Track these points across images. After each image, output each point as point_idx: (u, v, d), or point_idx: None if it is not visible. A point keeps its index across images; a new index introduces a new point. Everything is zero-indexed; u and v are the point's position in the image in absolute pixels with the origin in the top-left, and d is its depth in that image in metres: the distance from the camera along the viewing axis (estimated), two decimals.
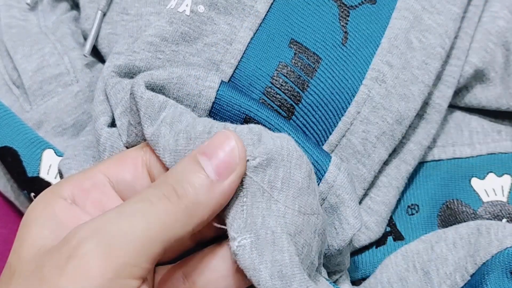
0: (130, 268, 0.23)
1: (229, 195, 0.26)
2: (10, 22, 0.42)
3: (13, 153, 0.37)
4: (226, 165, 0.25)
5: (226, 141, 0.26)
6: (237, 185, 0.26)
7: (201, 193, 0.25)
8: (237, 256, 0.25)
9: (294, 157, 0.27)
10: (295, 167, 0.27)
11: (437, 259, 0.34)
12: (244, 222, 0.26)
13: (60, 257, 0.23)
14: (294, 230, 0.26)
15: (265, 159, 0.26)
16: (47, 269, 0.23)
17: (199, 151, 0.26)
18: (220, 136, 0.26)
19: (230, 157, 0.25)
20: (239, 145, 0.26)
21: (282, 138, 0.27)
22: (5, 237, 0.41)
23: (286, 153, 0.27)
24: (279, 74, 0.33)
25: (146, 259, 0.24)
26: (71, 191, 0.27)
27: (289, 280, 0.25)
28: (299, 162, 0.27)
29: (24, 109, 0.39)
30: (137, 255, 0.23)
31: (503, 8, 0.39)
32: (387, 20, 0.35)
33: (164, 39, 0.32)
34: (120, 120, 0.31)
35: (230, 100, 0.30)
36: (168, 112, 0.28)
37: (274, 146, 0.27)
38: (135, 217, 0.24)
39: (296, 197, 0.27)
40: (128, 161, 0.29)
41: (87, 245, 0.23)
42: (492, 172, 0.38)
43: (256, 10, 0.33)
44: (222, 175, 0.25)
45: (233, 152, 0.25)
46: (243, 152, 0.26)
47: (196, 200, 0.25)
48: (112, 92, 0.32)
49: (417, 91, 0.35)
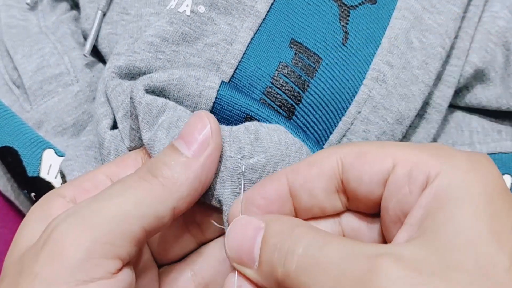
0: (103, 246, 0.23)
1: (208, 168, 0.26)
2: (10, 22, 0.42)
3: (14, 152, 0.37)
4: (200, 142, 0.26)
5: (198, 120, 0.26)
6: (214, 157, 0.26)
7: (177, 170, 0.25)
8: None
9: (292, 149, 0.27)
10: (294, 160, 0.27)
11: None
12: None
13: (37, 246, 0.23)
14: None
15: (263, 157, 0.26)
16: (26, 261, 0.23)
17: (176, 138, 0.26)
18: (192, 117, 0.26)
19: (203, 134, 0.26)
20: (211, 120, 0.26)
21: (279, 132, 0.27)
22: (5, 237, 0.41)
23: (284, 147, 0.27)
24: (280, 74, 0.33)
25: (121, 236, 0.23)
26: (72, 191, 0.27)
27: None
28: (298, 154, 0.27)
29: (24, 109, 0.39)
30: (110, 232, 0.23)
31: (503, 8, 0.39)
32: (388, 20, 0.35)
33: (164, 40, 0.32)
34: (121, 123, 0.31)
35: (231, 100, 0.30)
36: (166, 116, 0.28)
37: (272, 143, 0.27)
38: (108, 197, 0.24)
39: None
40: (129, 161, 0.29)
41: (60, 228, 0.23)
42: None
43: (256, 10, 0.33)
44: (198, 151, 0.25)
45: (205, 128, 0.26)
46: (215, 125, 0.26)
47: (172, 176, 0.25)
48: (113, 95, 0.32)
49: (418, 91, 0.35)
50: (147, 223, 0.24)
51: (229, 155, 0.26)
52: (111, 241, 0.23)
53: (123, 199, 0.24)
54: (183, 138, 0.26)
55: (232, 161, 0.26)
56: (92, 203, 0.24)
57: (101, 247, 0.23)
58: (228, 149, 0.26)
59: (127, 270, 0.24)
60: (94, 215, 0.23)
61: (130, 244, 0.24)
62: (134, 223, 0.24)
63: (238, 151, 0.27)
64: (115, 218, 0.23)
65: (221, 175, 0.27)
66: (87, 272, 0.22)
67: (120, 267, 0.24)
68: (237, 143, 0.27)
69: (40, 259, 0.23)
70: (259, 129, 0.27)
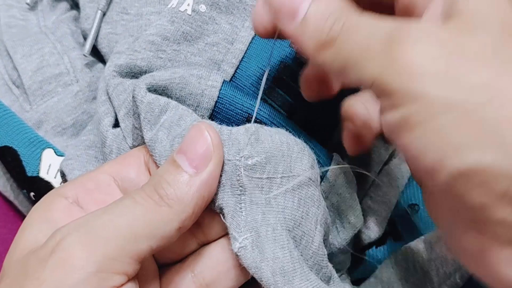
0: (112, 262, 0.23)
1: (211, 184, 0.26)
2: (10, 22, 0.42)
3: (13, 152, 0.37)
4: (202, 157, 0.26)
5: (198, 134, 0.26)
6: (217, 172, 0.26)
7: (180, 189, 0.25)
8: (239, 256, 0.26)
9: (294, 150, 0.27)
10: (295, 160, 0.27)
11: (437, 259, 0.34)
12: (244, 220, 0.26)
13: (44, 252, 0.24)
14: (292, 224, 0.26)
15: (263, 157, 0.26)
16: (31, 265, 0.24)
17: (177, 151, 0.26)
18: (192, 130, 0.26)
19: (205, 149, 0.26)
20: (212, 134, 0.26)
21: (281, 134, 0.27)
22: (4, 237, 0.40)
23: (286, 148, 0.27)
24: (281, 73, 0.33)
25: (129, 254, 0.24)
26: (75, 191, 0.27)
27: (291, 276, 0.25)
28: (300, 155, 0.27)
29: (24, 108, 0.39)
30: (120, 249, 0.24)
31: None
32: None
33: (165, 38, 0.32)
34: (124, 122, 0.31)
35: (233, 99, 0.30)
36: (168, 116, 0.28)
37: (273, 144, 0.27)
38: (119, 213, 0.25)
39: (296, 190, 0.27)
40: (131, 159, 0.29)
41: (70, 239, 0.23)
42: None
43: None
44: (199, 167, 0.26)
45: (207, 143, 0.26)
46: (216, 139, 0.26)
47: (176, 197, 0.25)
48: (115, 93, 0.32)
49: None
50: (154, 242, 0.25)
51: (227, 159, 0.26)
52: (120, 258, 0.24)
53: (132, 218, 0.24)
54: (185, 153, 0.26)
55: (230, 165, 0.26)
56: (103, 216, 0.24)
57: (110, 263, 0.23)
58: (227, 152, 0.26)
59: (131, 284, 0.25)
60: (105, 230, 0.24)
61: (136, 261, 0.24)
62: (142, 242, 0.24)
63: (237, 153, 0.26)
64: (126, 237, 0.24)
65: (220, 179, 0.27)
66: (94, 285, 0.23)
67: (125, 281, 0.24)
68: (236, 146, 0.27)
69: (48, 266, 0.23)
70: (259, 131, 0.27)
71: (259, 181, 0.26)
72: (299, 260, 0.26)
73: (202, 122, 0.27)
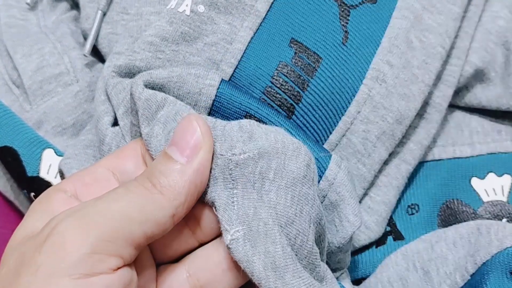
0: (106, 243, 0.24)
1: (202, 172, 0.26)
2: (10, 22, 0.42)
3: (13, 152, 0.37)
4: (192, 146, 0.26)
5: (187, 125, 0.27)
6: (208, 160, 0.27)
7: (172, 177, 0.26)
8: (230, 249, 0.26)
9: (290, 148, 0.27)
10: (290, 158, 0.27)
11: (437, 259, 0.34)
12: (236, 214, 0.26)
13: (40, 238, 0.24)
14: (285, 221, 0.26)
15: (256, 153, 0.26)
16: (28, 251, 0.24)
17: (168, 144, 0.27)
18: (183, 121, 0.27)
19: (194, 138, 0.26)
20: (200, 123, 0.27)
21: (277, 132, 0.27)
22: (4, 237, 0.40)
23: (280, 146, 0.27)
24: (279, 73, 0.33)
25: (124, 237, 0.24)
26: (73, 185, 0.28)
27: (283, 271, 0.26)
28: (295, 154, 0.27)
29: (24, 108, 0.39)
30: (114, 231, 0.24)
31: (503, 8, 0.39)
32: (388, 19, 0.35)
33: (164, 39, 0.32)
34: (122, 120, 0.31)
35: (231, 98, 0.30)
36: (165, 111, 0.28)
37: (267, 141, 0.27)
38: (112, 200, 0.25)
39: (289, 187, 0.27)
40: (128, 152, 0.29)
41: (65, 223, 0.24)
42: (492, 172, 0.38)
43: (256, 9, 0.33)
44: (190, 156, 0.26)
45: (196, 133, 0.27)
46: (205, 127, 0.27)
47: (169, 184, 0.26)
48: (114, 92, 0.32)
49: (417, 90, 0.35)
50: (148, 228, 0.25)
51: (219, 153, 0.27)
52: (114, 240, 0.24)
53: (126, 203, 0.25)
54: (175, 145, 0.27)
55: (223, 159, 0.27)
56: (97, 203, 0.25)
57: (104, 244, 0.23)
58: (219, 147, 0.27)
59: (127, 268, 0.25)
60: (99, 214, 0.24)
61: (131, 246, 0.25)
62: (136, 227, 0.24)
63: (229, 149, 0.27)
64: (119, 220, 0.24)
65: (213, 172, 0.27)
66: (89, 267, 0.23)
67: (121, 265, 0.24)
68: (229, 142, 0.27)
69: (43, 250, 0.23)
70: (254, 129, 0.27)
71: (251, 176, 0.26)
72: (292, 257, 0.26)
73: (191, 114, 0.28)
